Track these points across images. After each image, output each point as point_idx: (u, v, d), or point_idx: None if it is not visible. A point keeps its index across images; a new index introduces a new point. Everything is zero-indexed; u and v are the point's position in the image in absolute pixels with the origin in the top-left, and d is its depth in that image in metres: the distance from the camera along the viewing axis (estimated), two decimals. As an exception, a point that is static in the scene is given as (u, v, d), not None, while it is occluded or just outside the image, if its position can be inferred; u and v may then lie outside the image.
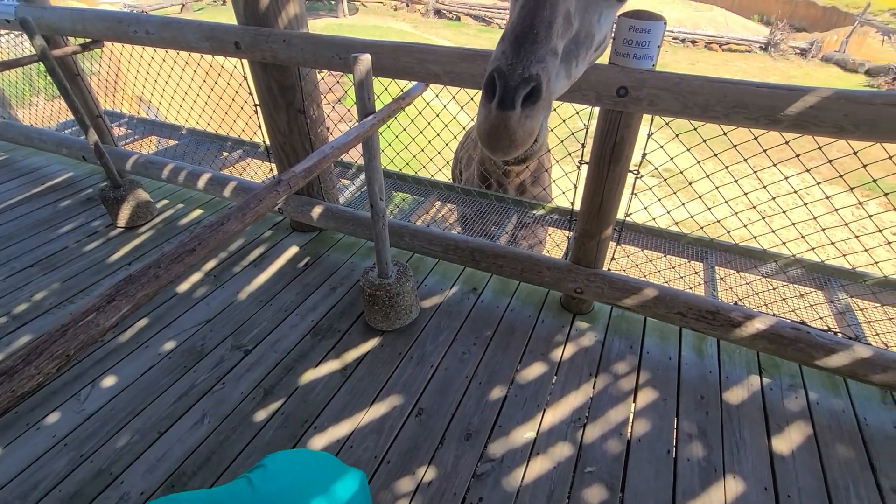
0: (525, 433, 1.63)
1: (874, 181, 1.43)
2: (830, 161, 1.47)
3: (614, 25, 1.39)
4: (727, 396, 1.75)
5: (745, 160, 1.61)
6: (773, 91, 1.31)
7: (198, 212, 2.85)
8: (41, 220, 2.75)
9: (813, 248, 1.73)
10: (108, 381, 1.81)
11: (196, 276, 2.34)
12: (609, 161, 1.65)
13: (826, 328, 1.72)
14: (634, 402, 1.75)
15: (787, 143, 1.53)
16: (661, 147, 1.72)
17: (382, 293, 1.91)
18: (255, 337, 2.00)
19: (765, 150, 1.51)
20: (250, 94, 2.26)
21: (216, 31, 2.05)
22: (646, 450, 1.58)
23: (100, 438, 1.62)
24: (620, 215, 1.88)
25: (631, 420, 1.68)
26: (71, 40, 2.69)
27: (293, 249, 2.53)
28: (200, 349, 1.94)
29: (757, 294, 2.08)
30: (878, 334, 1.84)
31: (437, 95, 2.12)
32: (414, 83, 1.81)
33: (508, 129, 0.82)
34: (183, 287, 2.27)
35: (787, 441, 1.61)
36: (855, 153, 1.40)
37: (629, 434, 1.63)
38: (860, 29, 18.62)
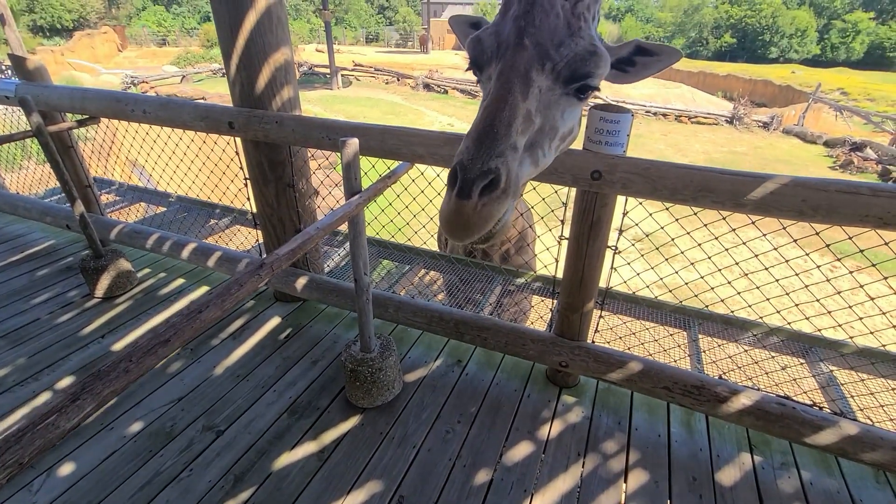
0: (512, 523, 1.53)
1: (838, 260, 1.50)
2: (796, 241, 1.54)
3: (586, 114, 1.51)
4: (720, 477, 1.70)
5: (716, 238, 1.68)
6: (735, 178, 1.40)
7: (180, 281, 2.81)
8: (15, 290, 2.68)
9: (789, 323, 1.76)
10: (65, 469, 1.68)
11: (172, 349, 2.26)
12: (588, 238, 1.70)
13: (811, 403, 1.72)
14: (626, 483, 1.68)
15: (752, 222, 1.61)
16: (637, 225, 1.79)
17: (364, 368, 1.86)
18: (228, 416, 1.90)
19: (734, 230, 1.58)
20: (241, 168, 2.33)
21: (211, 112, 2.15)
22: (640, 540, 1.50)
23: (48, 537, 1.48)
24: (602, 284, 1.91)
25: (623, 506, 1.60)
26: (68, 115, 2.78)
27: (275, 320, 2.48)
28: (169, 430, 1.84)
29: (740, 368, 2.08)
30: (861, 409, 1.83)
31: (422, 174, 2.20)
32: (399, 162, 1.89)
33: (463, 215, 0.91)
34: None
35: (784, 527, 1.54)
36: (817, 233, 1.48)
37: (622, 522, 1.55)
38: (814, 105, 20.31)
